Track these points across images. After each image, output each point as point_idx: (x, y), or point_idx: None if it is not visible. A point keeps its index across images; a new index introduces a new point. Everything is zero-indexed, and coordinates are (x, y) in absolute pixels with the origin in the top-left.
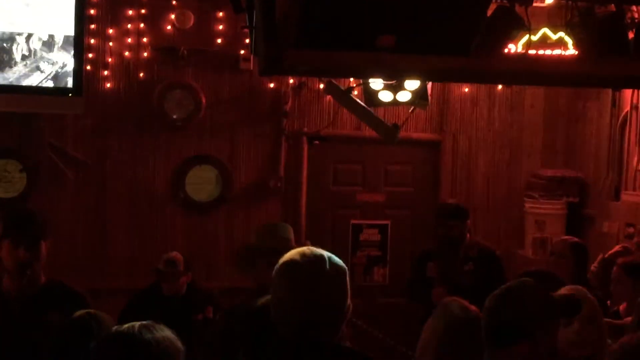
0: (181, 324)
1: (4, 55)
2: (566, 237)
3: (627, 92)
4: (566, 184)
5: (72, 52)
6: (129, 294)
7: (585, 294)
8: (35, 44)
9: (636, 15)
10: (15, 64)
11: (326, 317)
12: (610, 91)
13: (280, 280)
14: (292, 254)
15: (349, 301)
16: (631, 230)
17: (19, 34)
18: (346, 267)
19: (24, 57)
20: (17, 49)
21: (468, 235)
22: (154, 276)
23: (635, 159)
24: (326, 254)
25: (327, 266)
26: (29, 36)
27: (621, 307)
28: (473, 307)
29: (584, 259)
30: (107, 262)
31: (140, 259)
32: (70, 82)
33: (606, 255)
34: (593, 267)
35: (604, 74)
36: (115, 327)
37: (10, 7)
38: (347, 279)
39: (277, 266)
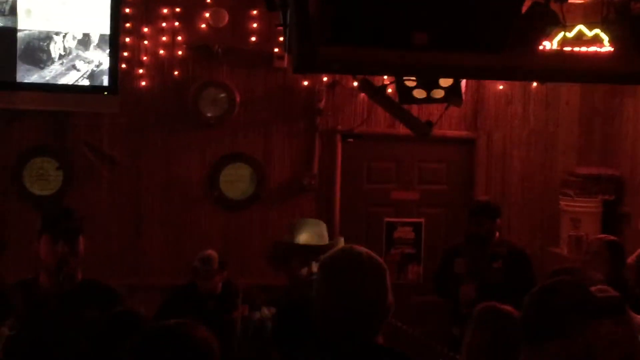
0: (217, 322)
1: (41, 54)
2: (602, 235)
3: None
4: (602, 182)
5: (108, 50)
6: (164, 291)
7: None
8: (71, 43)
9: None
10: (52, 62)
11: (367, 315)
12: None
13: (321, 277)
14: (334, 251)
15: (390, 299)
16: None
17: (56, 33)
18: (384, 264)
19: (60, 56)
20: (53, 47)
21: (498, 233)
22: (189, 273)
23: None
24: (366, 251)
25: (368, 264)
26: (65, 35)
27: None
28: (509, 308)
29: (620, 257)
30: (142, 259)
31: (175, 256)
32: (105, 81)
33: None
34: (631, 259)
35: (638, 70)
36: (153, 324)
37: (47, 6)
38: (388, 276)
39: (319, 263)
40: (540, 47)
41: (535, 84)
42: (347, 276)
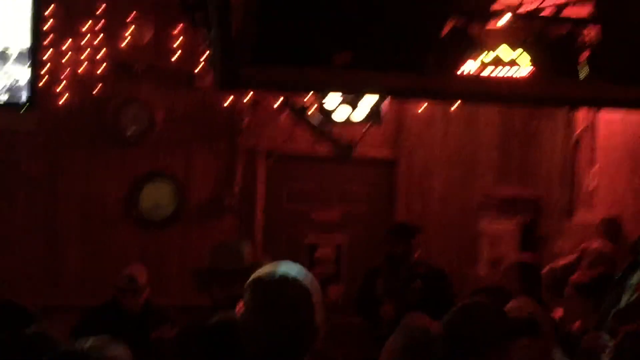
0: (137, 341)
1: None
2: (516, 257)
3: (580, 113)
4: (520, 204)
5: (27, 65)
6: (82, 311)
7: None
8: None
9: (590, 37)
10: None
11: (294, 339)
12: (564, 111)
13: (249, 297)
14: (263, 271)
15: (319, 320)
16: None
17: None
18: (315, 283)
19: None
20: None
21: (416, 254)
22: (109, 293)
23: (588, 179)
24: (295, 270)
25: (297, 283)
26: None
27: (575, 325)
28: (435, 326)
29: (533, 277)
30: (60, 279)
31: (93, 276)
32: (23, 97)
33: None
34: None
35: (557, 94)
36: (64, 345)
37: None
38: (317, 295)
39: (247, 283)
40: (461, 70)
41: (455, 105)
42: (276, 297)
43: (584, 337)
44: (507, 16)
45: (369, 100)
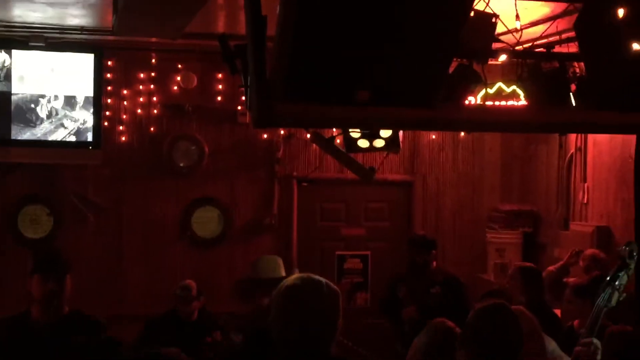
0: (194, 345)
1: (32, 115)
2: (519, 263)
3: (572, 137)
4: (522, 217)
5: (92, 110)
6: (144, 320)
7: (522, 313)
8: (59, 104)
9: (577, 70)
10: (42, 121)
11: (321, 333)
12: (557, 136)
13: (282, 300)
14: (293, 278)
15: (338, 321)
16: (582, 256)
17: (44, 96)
18: (337, 290)
19: (49, 116)
20: (41, 108)
21: (434, 262)
22: (168, 303)
23: (581, 193)
24: (322, 279)
25: (324, 289)
26: (54, 97)
27: (575, 323)
28: (457, 329)
29: (535, 280)
30: (124, 292)
31: (153, 289)
32: (90, 137)
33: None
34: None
35: (551, 121)
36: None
37: (38, 73)
38: (340, 300)
39: (279, 289)
40: (466, 102)
41: (462, 133)
42: (304, 299)
43: (577, 346)
44: (505, 55)
45: (388, 131)
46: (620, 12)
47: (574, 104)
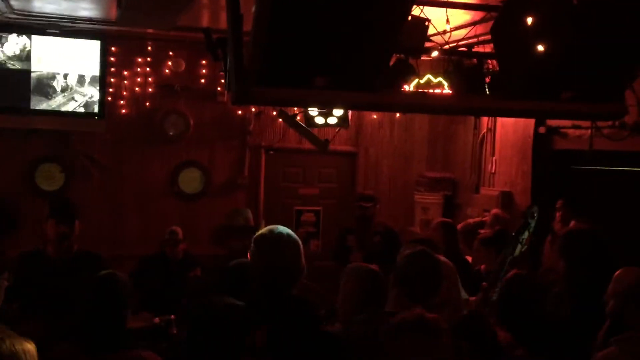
0: (178, 279)
1: (48, 89)
2: (440, 218)
3: (484, 119)
4: (443, 182)
5: (98, 87)
6: (139, 259)
7: (443, 261)
8: (71, 81)
9: (491, 66)
10: (57, 94)
11: (286, 274)
12: (473, 118)
13: (255, 248)
14: (267, 229)
15: (303, 263)
16: (486, 214)
17: (58, 74)
18: (299, 240)
19: (62, 90)
20: (57, 84)
21: (376, 216)
22: (158, 246)
23: (489, 165)
24: (286, 230)
25: (289, 239)
26: (66, 75)
27: (482, 267)
28: (373, 266)
29: (452, 232)
30: (123, 236)
31: (146, 234)
32: (96, 109)
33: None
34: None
35: (468, 106)
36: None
37: (54, 55)
38: (301, 247)
39: (254, 238)
40: (402, 89)
41: (398, 114)
42: (275, 248)
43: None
44: (435, 52)
45: (340, 110)
46: (529, 20)
47: (487, 93)
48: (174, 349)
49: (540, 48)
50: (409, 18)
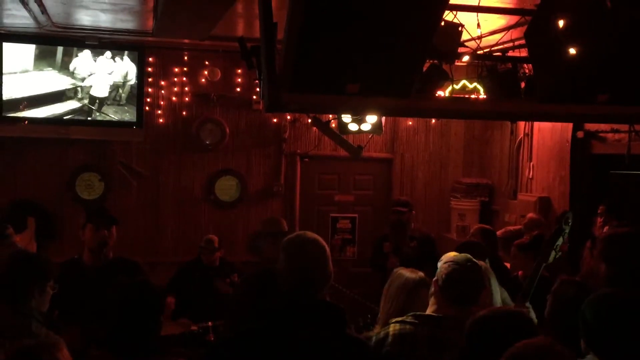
0: (215, 286)
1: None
2: (478, 225)
3: (521, 124)
4: (479, 188)
5: (136, 97)
6: (176, 266)
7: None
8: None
9: (526, 71)
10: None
11: (314, 279)
12: (509, 123)
13: (282, 252)
14: (293, 235)
15: (330, 268)
16: (524, 220)
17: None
18: (326, 245)
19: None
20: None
21: (412, 223)
22: (196, 251)
23: (527, 170)
24: (312, 235)
25: (315, 243)
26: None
27: (520, 273)
28: (420, 273)
29: (491, 239)
30: (160, 244)
31: (183, 242)
32: (134, 118)
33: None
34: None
35: (504, 111)
36: None
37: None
38: (328, 251)
39: (283, 243)
40: (437, 95)
41: (433, 120)
42: (301, 252)
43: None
44: (468, 57)
45: (373, 117)
46: (561, 23)
47: (523, 98)
48: (210, 354)
49: (572, 51)
50: (442, 24)
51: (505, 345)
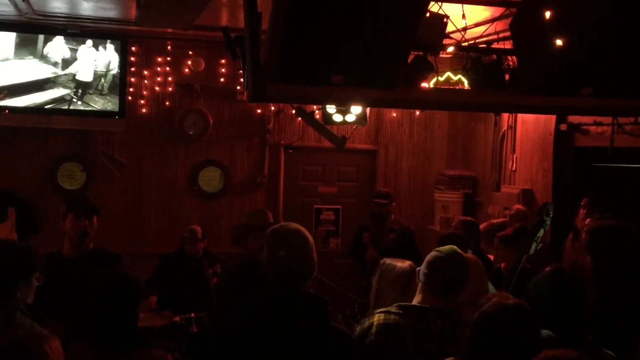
0: (198, 276)
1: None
2: (461, 217)
3: (505, 116)
4: (463, 180)
5: (118, 86)
6: (159, 257)
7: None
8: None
9: (511, 63)
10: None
11: (297, 271)
12: (493, 115)
13: (266, 243)
14: (276, 226)
15: (314, 260)
16: (507, 212)
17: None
18: (310, 236)
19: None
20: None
21: (392, 215)
22: (179, 243)
23: (510, 163)
24: (296, 226)
25: (298, 234)
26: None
27: (502, 265)
28: (408, 261)
29: (474, 231)
30: (143, 235)
31: (166, 233)
32: (116, 108)
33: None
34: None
35: (488, 102)
36: None
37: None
38: (312, 243)
39: (266, 234)
40: (419, 86)
41: (417, 112)
42: (285, 242)
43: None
44: (452, 48)
45: (357, 108)
46: (547, 15)
47: (507, 90)
48: (193, 346)
49: (559, 43)
50: (427, 15)
51: (509, 339)
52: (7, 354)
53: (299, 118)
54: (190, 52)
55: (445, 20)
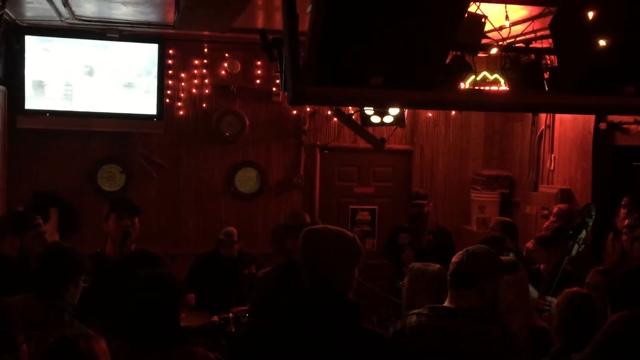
0: (233, 277)
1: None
2: (499, 217)
3: (542, 116)
4: (500, 180)
5: (156, 89)
6: (195, 257)
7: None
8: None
9: (549, 62)
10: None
11: (334, 272)
12: (531, 115)
13: (302, 241)
14: (313, 227)
15: (350, 262)
16: (545, 212)
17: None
18: (349, 238)
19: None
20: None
21: (429, 215)
22: (214, 244)
23: (548, 162)
24: (331, 229)
25: (332, 232)
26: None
27: (542, 267)
28: (437, 265)
29: (512, 231)
30: (180, 235)
31: (203, 233)
32: (155, 111)
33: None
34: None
35: (526, 102)
36: None
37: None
38: (348, 247)
39: (301, 234)
40: (458, 87)
41: (453, 112)
42: (314, 245)
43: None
44: (493, 48)
45: (395, 109)
46: (590, 15)
47: (547, 90)
48: (233, 346)
49: (602, 42)
50: (466, 15)
51: None
52: (58, 351)
53: (335, 119)
54: (227, 55)
55: (483, 20)
